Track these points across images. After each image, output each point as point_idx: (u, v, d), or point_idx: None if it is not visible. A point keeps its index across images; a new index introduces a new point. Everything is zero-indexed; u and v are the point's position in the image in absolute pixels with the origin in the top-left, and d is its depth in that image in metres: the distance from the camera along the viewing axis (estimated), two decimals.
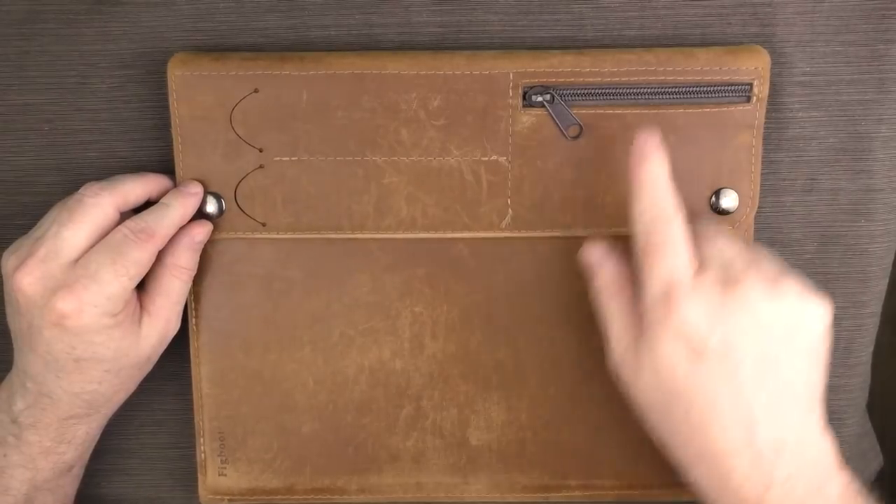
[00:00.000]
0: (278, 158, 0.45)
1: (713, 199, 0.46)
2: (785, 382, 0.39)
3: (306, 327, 0.48)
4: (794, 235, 0.49)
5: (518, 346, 0.48)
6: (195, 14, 0.46)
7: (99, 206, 0.43)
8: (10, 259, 0.43)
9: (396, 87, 0.45)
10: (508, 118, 0.45)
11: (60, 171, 0.48)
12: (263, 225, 0.46)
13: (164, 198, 0.45)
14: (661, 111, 0.45)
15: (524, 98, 0.45)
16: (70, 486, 0.48)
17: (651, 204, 0.40)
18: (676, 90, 0.45)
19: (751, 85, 0.45)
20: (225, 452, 0.49)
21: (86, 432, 0.46)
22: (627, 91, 0.45)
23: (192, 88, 0.45)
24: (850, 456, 0.52)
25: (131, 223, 0.43)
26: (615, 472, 0.49)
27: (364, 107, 0.45)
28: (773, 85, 0.46)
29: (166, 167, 0.47)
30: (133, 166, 0.48)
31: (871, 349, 0.51)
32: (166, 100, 0.45)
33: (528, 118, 0.45)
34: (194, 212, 0.45)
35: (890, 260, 0.50)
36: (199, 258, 0.46)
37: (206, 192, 0.46)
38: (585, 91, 0.45)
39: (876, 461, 0.55)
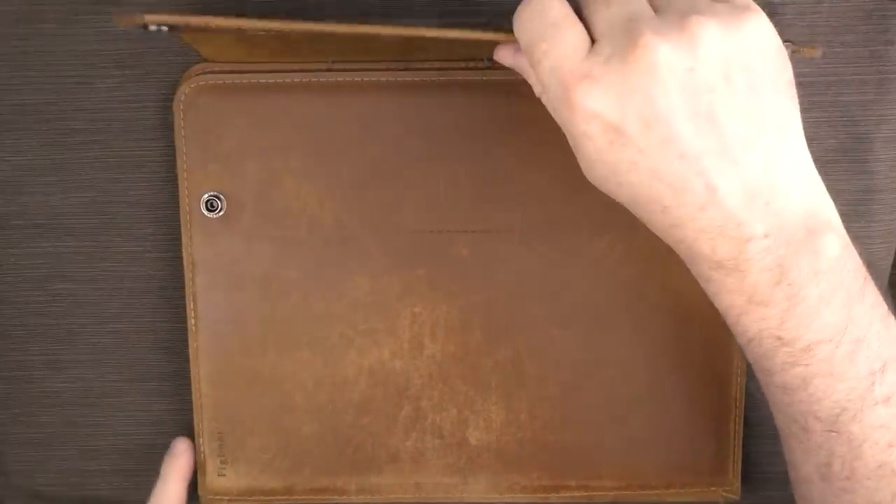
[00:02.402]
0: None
1: None
2: (733, 120, 0.33)
3: (305, 328, 0.48)
4: None
5: (517, 346, 0.48)
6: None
7: None
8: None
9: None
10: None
11: (60, 171, 0.48)
12: None
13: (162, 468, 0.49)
14: None
15: None
16: None
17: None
18: None
19: None
20: (224, 453, 0.49)
21: None
22: None
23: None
24: None
25: None
26: (615, 473, 0.49)
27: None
28: None
29: (166, 167, 0.47)
30: (132, 167, 0.48)
31: None
32: (166, 100, 0.46)
33: None
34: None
35: (890, 260, 0.50)
36: None
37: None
38: None
39: None
